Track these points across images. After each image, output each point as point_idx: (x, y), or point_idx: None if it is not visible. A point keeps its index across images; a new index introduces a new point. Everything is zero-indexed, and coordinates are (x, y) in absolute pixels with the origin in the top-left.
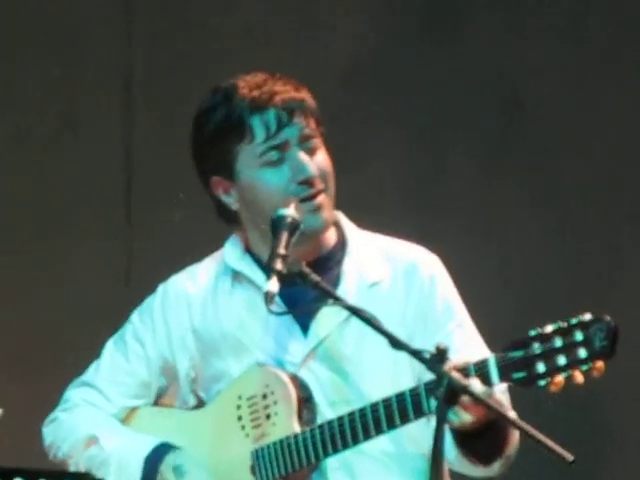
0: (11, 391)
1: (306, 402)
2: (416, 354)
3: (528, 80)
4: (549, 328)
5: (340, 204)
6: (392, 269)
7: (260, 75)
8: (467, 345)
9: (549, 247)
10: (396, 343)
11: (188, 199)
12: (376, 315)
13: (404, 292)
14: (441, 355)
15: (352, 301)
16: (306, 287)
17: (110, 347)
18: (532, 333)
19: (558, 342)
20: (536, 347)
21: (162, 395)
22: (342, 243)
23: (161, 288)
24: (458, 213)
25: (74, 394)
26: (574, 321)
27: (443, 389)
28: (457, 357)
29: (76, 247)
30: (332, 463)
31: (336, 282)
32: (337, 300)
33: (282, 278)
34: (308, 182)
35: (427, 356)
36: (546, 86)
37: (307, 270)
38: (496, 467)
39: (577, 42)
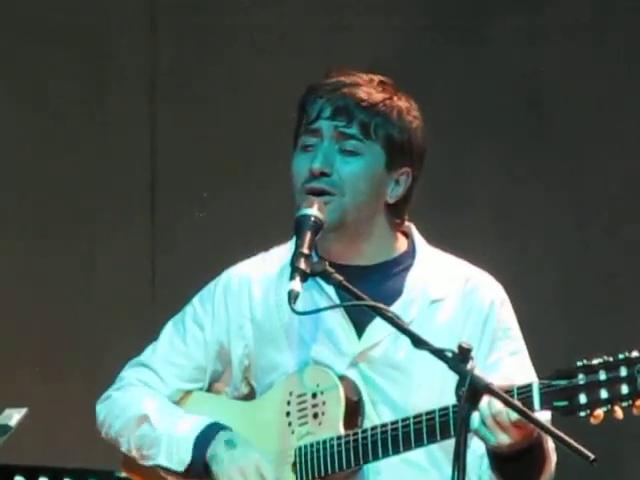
0: (37, 390)
1: (355, 406)
2: (439, 353)
3: (555, 78)
4: (595, 360)
5: None
6: (455, 289)
7: (360, 74)
8: (517, 374)
9: (576, 245)
10: (418, 342)
11: (212, 199)
12: (433, 332)
13: (463, 314)
14: (464, 354)
15: (412, 314)
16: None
17: (169, 329)
18: (578, 364)
19: (602, 375)
20: (580, 378)
21: (216, 380)
22: (410, 254)
23: (225, 274)
24: (482, 212)
25: (129, 374)
26: (621, 356)
27: (465, 388)
28: (504, 383)
29: (102, 246)
30: (373, 469)
31: (398, 291)
32: (360, 299)
33: (306, 277)
34: (312, 174)
35: (450, 355)
36: (573, 84)
37: (330, 269)
38: None
39: (605, 40)
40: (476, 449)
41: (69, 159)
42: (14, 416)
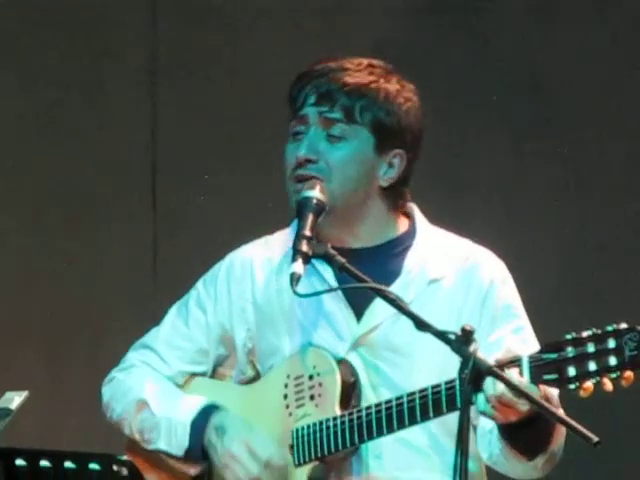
0: (38, 373)
1: (351, 387)
2: (441, 335)
3: (557, 60)
4: (584, 333)
5: None
6: (454, 268)
7: (352, 58)
8: (521, 350)
9: (578, 226)
10: (421, 324)
11: (213, 182)
12: (433, 312)
13: (462, 292)
14: (466, 337)
15: (410, 295)
16: (334, 267)
17: (173, 312)
18: (567, 337)
19: (590, 348)
20: (569, 351)
21: (221, 364)
22: (411, 234)
23: (228, 258)
24: (484, 194)
25: (133, 355)
26: (610, 328)
27: (468, 371)
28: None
29: (103, 231)
30: (372, 450)
31: (397, 272)
32: (362, 282)
33: (309, 260)
34: (298, 161)
35: (452, 337)
36: (575, 66)
37: (333, 252)
38: (539, 463)
39: (605, 23)
40: (485, 425)
41: (70, 144)
42: (15, 399)
